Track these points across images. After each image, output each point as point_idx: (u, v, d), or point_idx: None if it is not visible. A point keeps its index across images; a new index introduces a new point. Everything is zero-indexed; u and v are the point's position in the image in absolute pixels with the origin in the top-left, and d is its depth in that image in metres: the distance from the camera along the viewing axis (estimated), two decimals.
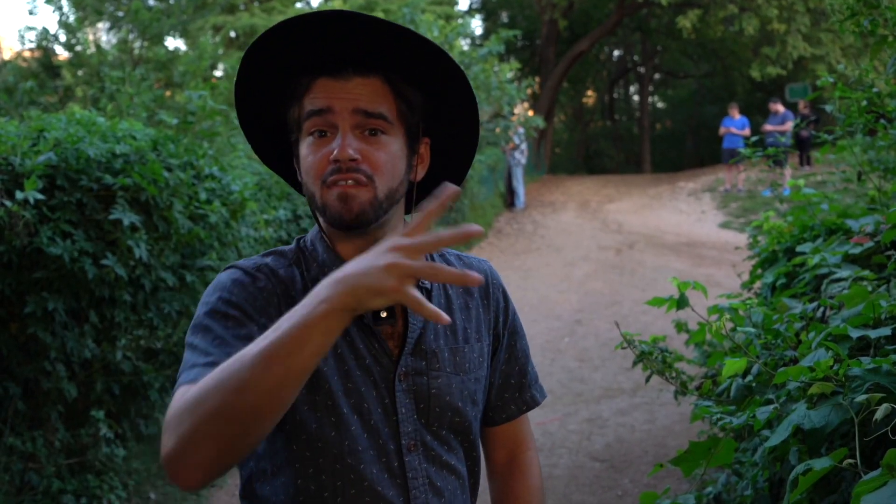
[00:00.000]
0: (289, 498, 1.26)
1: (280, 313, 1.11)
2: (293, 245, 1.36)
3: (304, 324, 0.99)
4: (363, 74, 1.25)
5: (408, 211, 1.40)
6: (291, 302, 1.14)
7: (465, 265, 1.47)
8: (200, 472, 1.03)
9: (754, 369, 2.08)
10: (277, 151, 1.40)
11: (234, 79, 1.34)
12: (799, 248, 2.90)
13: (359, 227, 1.25)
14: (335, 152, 1.21)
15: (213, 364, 1.10)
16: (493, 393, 1.47)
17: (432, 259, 1.40)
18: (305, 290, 1.12)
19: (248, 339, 1.10)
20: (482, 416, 1.46)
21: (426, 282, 1.34)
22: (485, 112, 13.38)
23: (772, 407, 1.80)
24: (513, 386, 1.49)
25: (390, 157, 1.26)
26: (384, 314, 1.29)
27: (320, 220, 1.31)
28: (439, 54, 1.27)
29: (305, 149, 1.26)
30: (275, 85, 1.31)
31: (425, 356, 1.32)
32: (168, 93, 9.43)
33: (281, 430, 1.25)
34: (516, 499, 1.52)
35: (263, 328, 1.11)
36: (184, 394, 1.07)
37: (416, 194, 1.36)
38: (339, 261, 1.28)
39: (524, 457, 1.54)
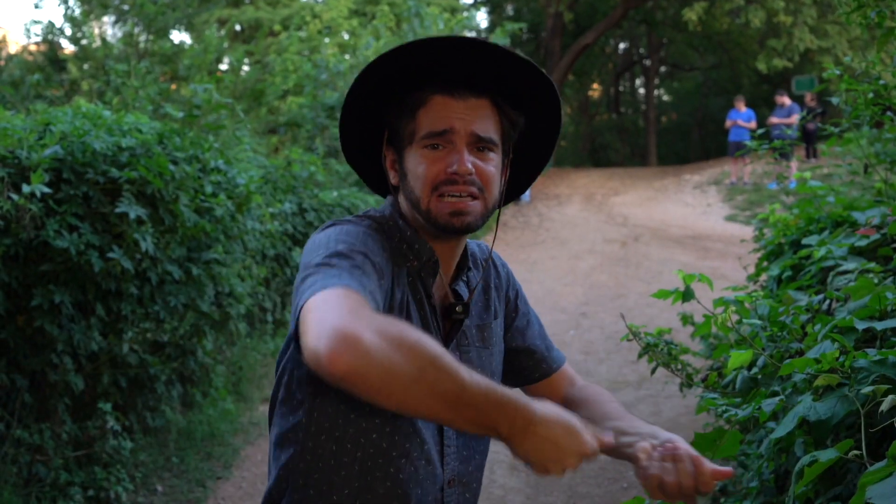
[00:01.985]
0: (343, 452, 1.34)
1: (392, 271, 1.30)
2: (370, 215, 1.42)
3: (480, 392, 1.05)
4: (476, 95, 1.36)
5: None
6: (392, 259, 1.32)
7: (479, 249, 1.58)
8: (347, 373, 1.00)
9: (760, 361, 2.08)
10: (363, 153, 1.49)
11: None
12: (805, 241, 2.89)
13: (465, 233, 1.37)
14: (454, 166, 1.32)
15: (359, 270, 1.19)
16: (524, 356, 1.60)
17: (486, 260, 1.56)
18: (395, 259, 1.34)
19: (382, 278, 1.25)
20: (518, 379, 1.59)
21: (471, 266, 1.50)
22: None
23: (777, 399, 1.80)
24: (539, 347, 1.61)
25: (496, 172, 1.39)
26: (459, 308, 1.43)
27: (410, 217, 1.41)
28: (543, 81, 1.40)
29: (417, 157, 1.36)
30: (386, 94, 1.39)
31: (457, 334, 1.45)
32: (173, 86, 9.45)
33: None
34: (585, 398, 1.56)
35: (385, 275, 1.27)
36: (355, 299, 1.09)
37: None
38: (419, 239, 1.39)
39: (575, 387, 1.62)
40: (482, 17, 28.20)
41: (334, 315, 1.03)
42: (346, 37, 17.27)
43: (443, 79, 1.35)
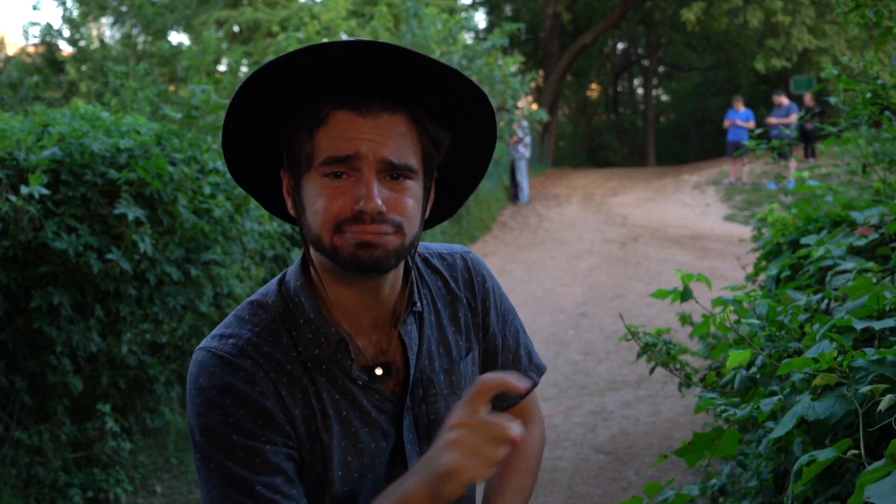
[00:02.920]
0: None
1: (280, 398, 1.14)
2: (274, 294, 1.23)
3: None
4: (390, 111, 1.13)
5: None
6: (288, 379, 1.15)
7: (447, 265, 1.38)
8: None
9: (758, 361, 2.08)
10: (254, 171, 1.25)
11: (235, 89, 1.25)
12: (803, 241, 2.89)
13: (376, 272, 1.14)
14: (361, 203, 1.09)
15: None
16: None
17: (415, 261, 1.34)
18: (299, 361, 1.16)
19: (265, 462, 1.11)
20: None
21: (417, 302, 1.28)
22: None
23: (776, 398, 1.80)
24: (507, 364, 1.44)
25: (416, 202, 1.16)
26: (380, 371, 1.23)
27: (317, 261, 1.21)
28: (470, 88, 1.17)
29: (315, 188, 1.13)
30: (283, 107, 1.16)
31: (422, 384, 1.27)
32: (172, 87, 9.44)
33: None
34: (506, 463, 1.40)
35: (273, 433, 1.13)
36: None
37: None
38: (327, 323, 1.19)
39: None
40: (480, 18, 28.25)
41: None
42: (345, 38, 17.25)
43: (346, 91, 1.12)
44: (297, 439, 1.16)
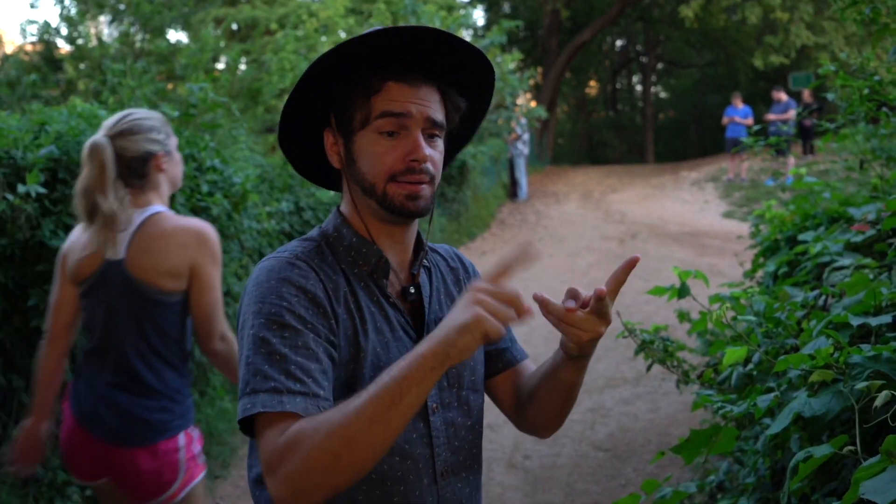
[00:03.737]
0: None
1: (328, 296, 1.32)
2: (316, 231, 1.47)
3: (404, 379, 1.13)
4: (428, 82, 1.39)
5: None
6: (334, 286, 1.35)
7: (443, 249, 1.63)
8: None
9: (755, 358, 2.08)
10: (299, 140, 1.49)
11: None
12: (801, 237, 2.90)
13: (419, 216, 1.39)
14: (415, 153, 1.35)
15: (278, 391, 1.22)
16: (486, 351, 1.61)
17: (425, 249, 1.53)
18: (342, 274, 1.38)
19: (306, 346, 1.26)
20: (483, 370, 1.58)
21: (427, 250, 1.52)
22: None
23: (773, 395, 1.81)
24: (503, 339, 1.61)
25: (441, 157, 1.42)
26: (413, 290, 1.45)
27: (362, 202, 1.41)
28: (483, 65, 1.45)
29: (371, 143, 1.37)
30: (339, 81, 1.39)
31: (436, 324, 1.43)
32: (170, 85, 9.43)
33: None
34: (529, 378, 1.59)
35: (320, 323, 1.29)
36: (281, 434, 1.18)
37: None
38: (368, 243, 1.42)
39: None
40: (479, 15, 28.20)
41: (276, 480, 1.17)
42: (343, 35, 17.25)
43: (396, 66, 1.38)
44: (338, 337, 1.33)
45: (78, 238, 2.46)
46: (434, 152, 1.39)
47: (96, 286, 2.42)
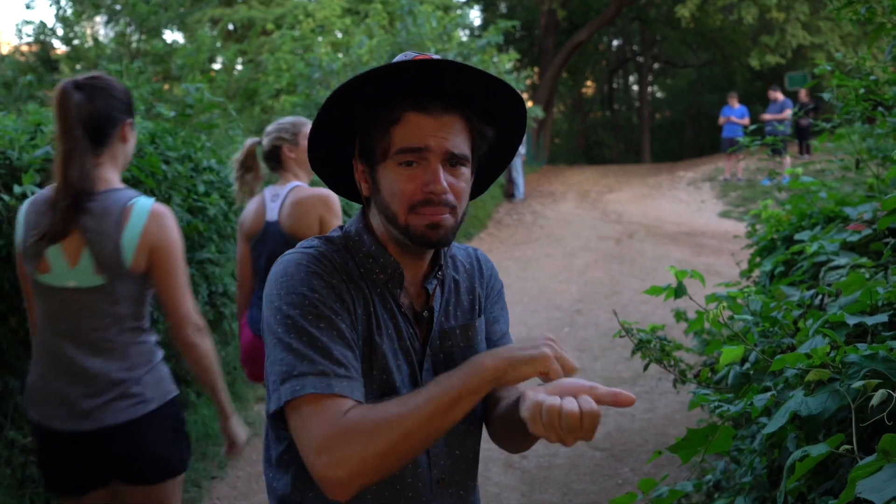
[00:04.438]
0: None
1: (350, 293, 1.36)
2: (338, 233, 1.48)
3: (463, 386, 1.22)
4: (450, 112, 1.38)
5: None
6: (354, 287, 1.38)
7: (465, 253, 1.62)
8: (358, 489, 1.23)
9: (752, 357, 2.08)
10: (330, 162, 1.52)
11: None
12: (797, 237, 2.90)
13: (440, 247, 1.41)
14: (430, 185, 1.35)
15: (325, 374, 1.27)
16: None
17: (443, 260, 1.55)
18: (361, 278, 1.40)
19: (341, 336, 1.31)
20: None
21: (442, 267, 1.52)
22: None
23: (769, 394, 1.81)
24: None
25: (466, 186, 1.41)
26: (426, 314, 1.48)
27: (385, 227, 1.43)
28: (510, 93, 1.41)
29: (392, 175, 1.37)
30: (361, 109, 1.40)
31: (444, 336, 1.48)
32: (166, 86, 9.43)
33: None
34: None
35: (343, 315, 1.33)
36: (334, 415, 1.23)
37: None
38: (386, 253, 1.43)
39: None
40: (475, 15, 28.19)
41: (330, 462, 1.21)
42: (340, 35, 17.25)
43: (416, 96, 1.36)
44: (358, 335, 1.37)
45: (248, 209, 3.54)
46: (457, 181, 1.38)
47: (259, 241, 3.45)
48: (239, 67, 12.30)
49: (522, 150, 16.23)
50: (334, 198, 3.39)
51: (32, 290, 2.42)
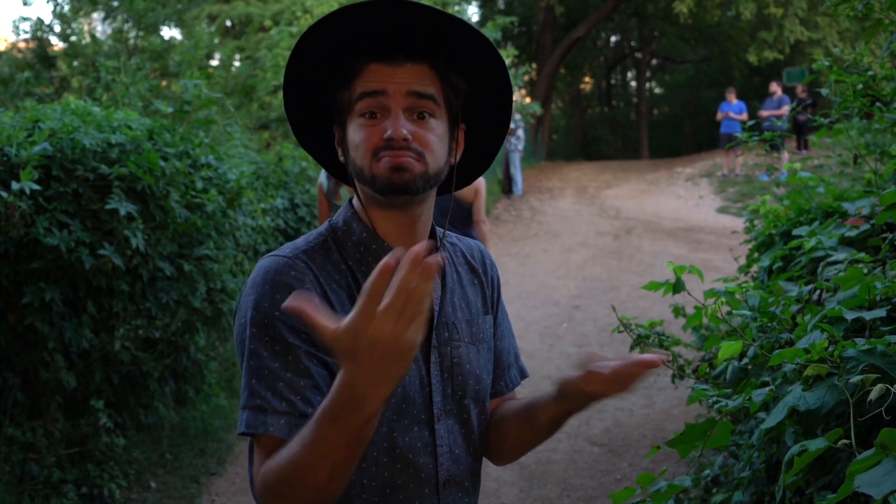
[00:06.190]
0: None
1: (327, 298, 1.27)
2: (325, 226, 1.42)
3: (332, 402, 1.03)
4: (413, 60, 1.31)
5: (441, 192, 1.45)
6: (337, 285, 1.30)
7: (465, 244, 1.55)
8: None
9: (750, 352, 2.09)
10: (316, 135, 1.46)
11: (286, 61, 1.38)
12: (795, 232, 2.90)
13: (406, 193, 1.30)
14: (389, 131, 1.27)
15: (262, 410, 1.20)
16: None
17: (440, 241, 1.48)
18: (348, 272, 1.33)
19: (297, 361, 1.22)
20: None
21: (440, 244, 1.46)
22: None
23: (767, 389, 1.81)
24: (502, 363, 1.56)
25: (437, 139, 1.32)
26: None
27: (363, 193, 1.37)
28: (482, 42, 1.34)
29: (356, 128, 1.32)
30: (325, 68, 1.36)
31: (447, 328, 1.41)
32: (164, 82, 9.41)
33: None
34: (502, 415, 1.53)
35: (306, 335, 1.22)
36: (264, 459, 1.18)
37: (452, 178, 1.43)
38: (377, 238, 1.36)
39: None
40: (473, 11, 28.17)
41: (257, 489, 1.18)
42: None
43: (376, 47, 1.31)
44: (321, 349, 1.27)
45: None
46: (423, 131, 1.30)
47: None
48: (237, 64, 12.26)
49: (520, 145, 16.21)
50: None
51: None
